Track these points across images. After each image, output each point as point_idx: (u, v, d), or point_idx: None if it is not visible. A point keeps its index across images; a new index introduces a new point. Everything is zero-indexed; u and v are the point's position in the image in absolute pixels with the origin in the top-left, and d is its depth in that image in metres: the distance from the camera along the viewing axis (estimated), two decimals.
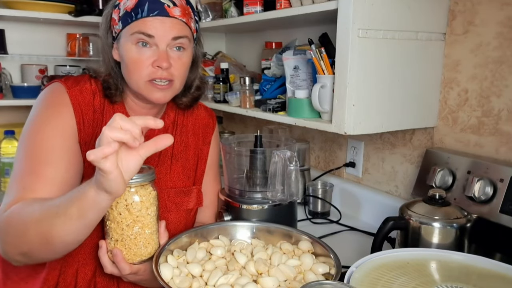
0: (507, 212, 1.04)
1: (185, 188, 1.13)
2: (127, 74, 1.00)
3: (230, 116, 2.26)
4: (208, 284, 0.85)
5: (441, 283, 0.79)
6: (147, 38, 0.95)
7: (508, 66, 1.12)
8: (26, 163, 0.94)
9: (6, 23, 2.03)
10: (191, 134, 1.17)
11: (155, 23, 0.95)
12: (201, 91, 1.16)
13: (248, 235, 1.06)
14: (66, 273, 1.01)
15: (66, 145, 0.96)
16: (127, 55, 0.97)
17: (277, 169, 1.10)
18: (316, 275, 0.89)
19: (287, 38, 1.79)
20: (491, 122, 1.17)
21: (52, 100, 1.00)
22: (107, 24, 1.02)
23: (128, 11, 0.96)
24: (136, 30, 0.95)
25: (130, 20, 0.95)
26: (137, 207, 0.88)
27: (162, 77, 0.97)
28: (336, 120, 1.16)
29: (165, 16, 0.95)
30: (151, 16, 0.94)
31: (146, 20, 0.95)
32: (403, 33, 1.17)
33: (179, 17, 0.97)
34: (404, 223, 1.02)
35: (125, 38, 0.97)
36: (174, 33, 0.97)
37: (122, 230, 0.89)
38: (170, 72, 0.98)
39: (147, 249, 0.92)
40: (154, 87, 0.98)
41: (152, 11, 0.94)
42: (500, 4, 1.12)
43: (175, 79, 1.00)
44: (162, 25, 0.95)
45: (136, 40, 0.95)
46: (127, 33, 0.96)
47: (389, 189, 1.48)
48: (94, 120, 1.01)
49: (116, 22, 0.98)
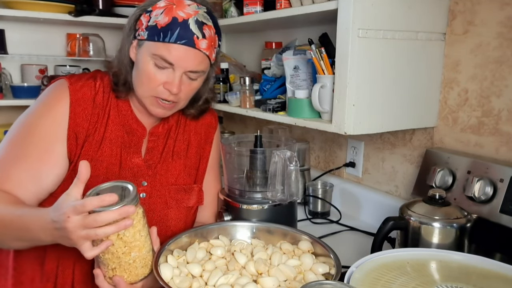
0: (507, 212, 1.04)
1: (186, 186, 1.14)
2: (137, 81, 1.02)
3: (230, 116, 2.26)
4: (208, 284, 0.85)
5: (441, 283, 0.79)
6: (167, 64, 0.97)
7: (508, 66, 1.12)
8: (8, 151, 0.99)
9: (6, 23, 2.03)
10: (193, 133, 1.19)
11: (179, 52, 0.96)
12: (209, 103, 1.18)
13: (248, 235, 1.06)
14: (64, 265, 1.03)
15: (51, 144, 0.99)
16: (143, 67, 0.99)
17: (277, 169, 1.10)
18: (316, 275, 0.89)
19: (287, 38, 1.79)
20: (491, 122, 1.17)
21: (51, 96, 1.03)
22: (132, 25, 1.03)
23: (158, 27, 0.96)
24: (159, 53, 0.96)
25: (157, 39, 0.96)
26: (129, 235, 0.83)
27: (168, 99, 1.00)
28: (336, 120, 1.16)
29: (190, 47, 0.96)
30: (178, 44, 0.95)
31: (171, 46, 0.95)
32: (403, 33, 1.17)
33: (204, 50, 0.98)
34: (404, 223, 1.02)
35: (146, 51, 0.98)
36: (194, 67, 0.99)
37: (119, 258, 0.85)
38: (178, 96, 1.01)
39: (147, 267, 0.89)
40: (158, 103, 1.01)
41: (181, 39, 0.95)
42: (500, 4, 1.12)
43: (180, 101, 1.03)
44: (185, 55, 0.96)
45: (156, 62, 0.97)
46: (149, 48, 0.97)
47: (389, 189, 1.48)
48: (93, 115, 1.03)
49: (143, 29, 0.99)
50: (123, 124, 1.07)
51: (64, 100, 1.01)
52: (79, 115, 1.02)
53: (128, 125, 1.08)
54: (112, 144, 1.05)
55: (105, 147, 1.04)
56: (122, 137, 1.06)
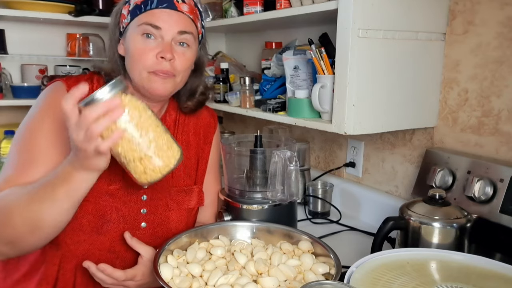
0: (507, 212, 1.04)
1: (187, 187, 1.14)
2: (131, 65, 1.01)
3: (230, 116, 2.26)
4: (208, 284, 0.85)
5: (441, 283, 0.79)
6: (153, 29, 0.98)
7: (508, 66, 1.12)
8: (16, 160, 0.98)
9: (6, 23, 2.03)
10: (192, 134, 1.18)
11: (162, 15, 0.98)
12: (206, 95, 1.18)
13: (248, 235, 1.06)
14: (65, 269, 1.02)
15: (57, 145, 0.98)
16: (133, 46, 0.99)
17: (277, 169, 1.10)
18: (316, 275, 0.89)
19: (287, 38, 1.79)
20: (491, 122, 1.17)
21: (50, 99, 1.02)
22: (116, 20, 1.06)
23: (138, 4, 0.99)
24: (143, 21, 0.98)
25: (139, 12, 0.99)
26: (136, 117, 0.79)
27: (164, 69, 0.99)
28: (336, 120, 1.16)
29: (173, 10, 0.99)
30: (159, 8, 0.98)
31: (154, 12, 0.98)
32: (403, 33, 1.17)
33: (187, 12, 1.01)
34: (404, 223, 1.02)
35: (132, 29, 1.00)
36: (180, 27, 1.00)
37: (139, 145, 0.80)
38: (173, 65, 1.00)
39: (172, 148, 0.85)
40: (156, 76, 0.99)
41: (161, 3, 0.98)
42: (500, 4, 1.12)
43: (177, 74, 1.01)
44: (169, 17, 0.98)
45: (143, 31, 0.98)
46: (134, 24, 0.99)
47: (389, 189, 1.48)
48: None
49: (125, 16, 1.02)
50: None
51: None
52: None
53: None
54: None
55: None
56: None
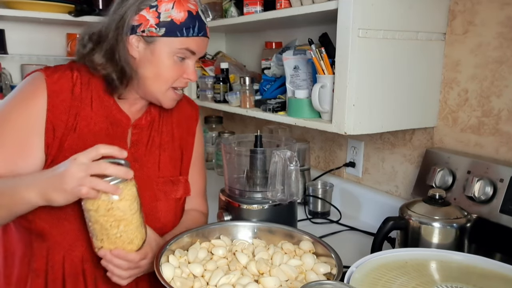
0: (507, 212, 1.04)
1: (173, 178, 1.14)
2: (152, 77, 1.03)
3: (230, 116, 2.26)
4: (210, 284, 0.86)
5: (441, 283, 0.79)
6: (190, 54, 1.03)
7: (508, 66, 1.12)
8: None
9: (6, 23, 2.03)
10: (175, 125, 1.19)
11: (202, 43, 1.04)
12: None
13: (249, 235, 1.06)
14: (53, 261, 1.01)
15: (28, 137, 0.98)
16: (163, 64, 1.01)
17: (277, 169, 1.10)
18: (317, 275, 0.89)
19: (287, 38, 1.79)
20: (491, 122, 1.17)
21: (27, 88, 1.01)
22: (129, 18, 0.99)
23: (176, 23, 0.98)
24: (186, 46, 1.01)
25: (180, 35, 1.00)
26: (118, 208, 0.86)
27: (183, 86, 1.07)
28: (336, 120, 1.16)
29: (206, 37, 1.05)
30: (199, 36, 1.02)
31: (196, 39, 1.02)
32: (403, 33, 1.17)
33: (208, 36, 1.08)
34: (404, 223, 1.02)
35: (166, 47, 1.00)
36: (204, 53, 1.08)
37: (106, 230, 0.88)
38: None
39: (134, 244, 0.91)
40: (174, 94, 1.07)
41: (200, 31, 1.02)
42: (500, 4, 1.12)
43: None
44: (204, 45, 1.06)
45: (181, 54, 1.02)
46: (171, 44, 1.00)
47: (389, 189, 1.48)
48: (72, 107, 1.01)
49: (152, 25, 0.98)
50: (106, 115, 1.05)
51: (41, 93, 0.99)
52: (57, 107, 0.99)
53: (112, 115, 1.06)
54: (96, 137, 1.02)
55: (89, 141, 1.01)
56: (106, 129, 1.04)
